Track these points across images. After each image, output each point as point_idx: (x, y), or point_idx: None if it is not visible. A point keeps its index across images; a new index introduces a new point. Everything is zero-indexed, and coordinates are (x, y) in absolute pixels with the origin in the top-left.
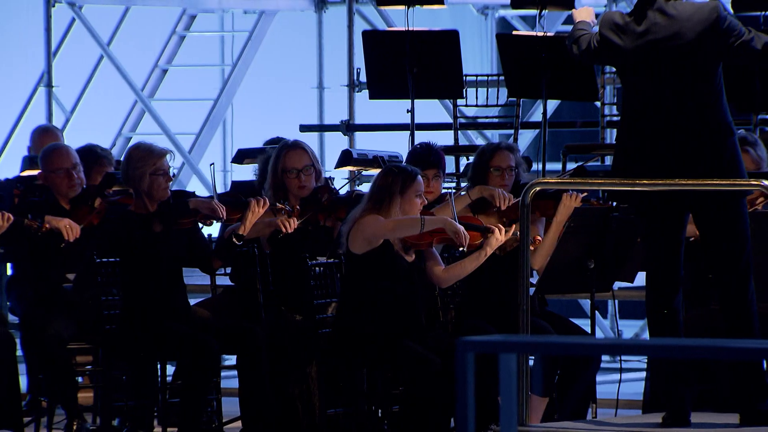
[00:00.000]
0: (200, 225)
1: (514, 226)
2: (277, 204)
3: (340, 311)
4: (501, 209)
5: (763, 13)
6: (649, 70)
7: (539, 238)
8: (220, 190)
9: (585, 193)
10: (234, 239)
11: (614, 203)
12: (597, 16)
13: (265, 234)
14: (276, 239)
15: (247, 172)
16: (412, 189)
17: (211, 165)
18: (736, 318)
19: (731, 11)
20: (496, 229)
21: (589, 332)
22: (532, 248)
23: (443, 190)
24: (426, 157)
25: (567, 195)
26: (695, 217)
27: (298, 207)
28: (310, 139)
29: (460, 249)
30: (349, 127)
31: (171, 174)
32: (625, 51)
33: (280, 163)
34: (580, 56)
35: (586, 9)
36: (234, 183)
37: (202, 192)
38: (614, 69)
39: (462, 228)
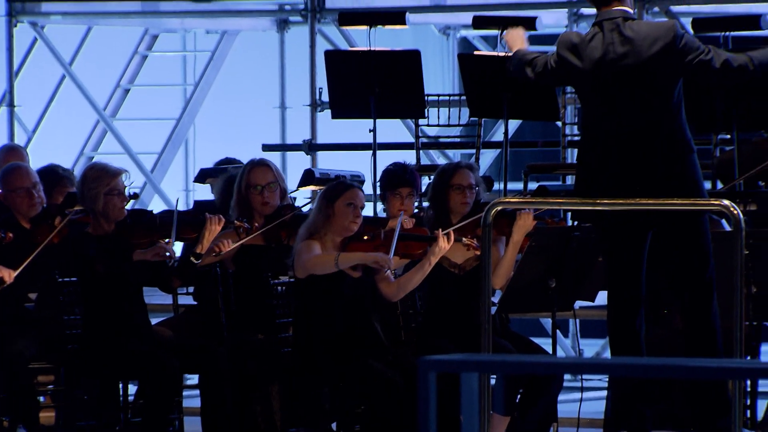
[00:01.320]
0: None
1: (463, 237)
2: (236, 221)
3: (295, 332)
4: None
5: (723, 33)
6: (607, 90)
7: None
8: (182, 209)
9: (540, 210)
10: (192, 258)
11: (575, 222)
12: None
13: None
14: (240, 258)
15: (209, 192)
16: (342, 199)
17: (175, 205)
18: (700, 336)
19: (691, 32)
20: (439, 238)
21: (551, 351)
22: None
23: (414, 210)
24: (401, 175)
25: (521, 214)
26: (658, 236)
27: (257, 225)
28: (273, 159)
29: (387, 271)
30: (311, 147)
31: (128, 194)
32: (584, 71)
33: (244, 179)
34: (537, 78)
35: (516, 32)
36: (196, 203)
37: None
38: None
39: (380, 255)
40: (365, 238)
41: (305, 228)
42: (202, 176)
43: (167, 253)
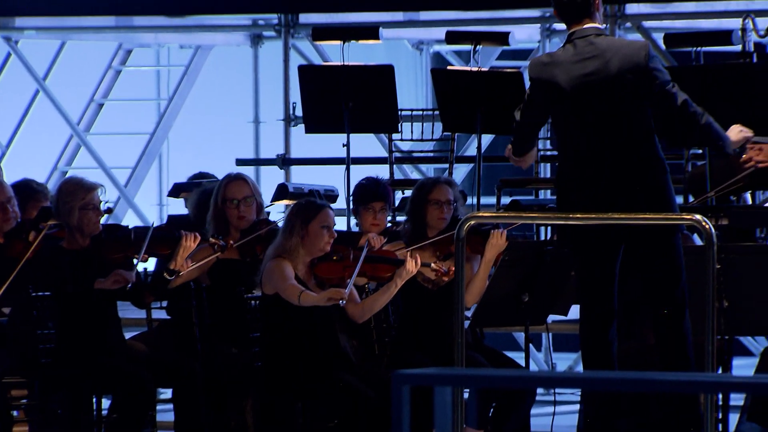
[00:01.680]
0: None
1: (431, 263)
2: (211, 238)
3: (263, 347)
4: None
5: (695, 48)
6: (580, 107)
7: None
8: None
9: (514, 224)
10: (165, 274)
11: (551, 240)
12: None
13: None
14: (214, 272)
15: (183, 206)
16: (316, 221)
17: (152, 224)
18: (672, 350)
19: (663, 47)
20: (407, 261)
21: (524, 365)
22: (446, 279)
23: (387, 224)
24: (373, 190)
25: (494, 233)
26: (630, 251)
27: (232, 242)
28: (246, 173)
29: (342, 302)
30: (285, 161)
31: (103, 208)
32: (557, 88)
33: (221, 193)
34: (522, 117)
35: None
36: (170, 217)
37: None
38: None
39: (333, 291)
40: (334, 258)
41: (274, 248)
42: (176, 191)
43: (126, 279)
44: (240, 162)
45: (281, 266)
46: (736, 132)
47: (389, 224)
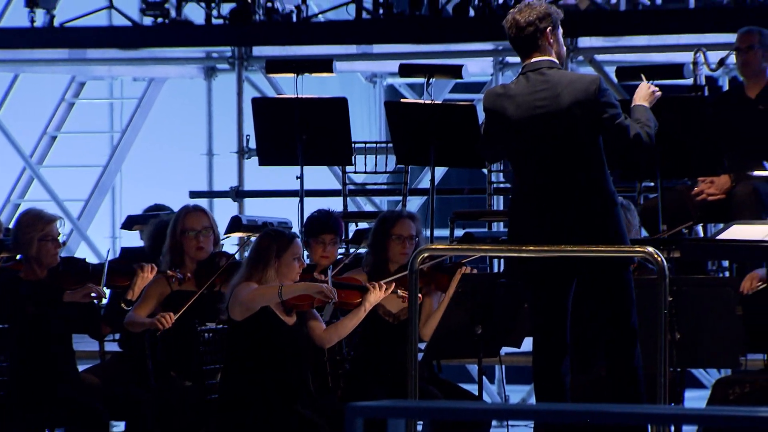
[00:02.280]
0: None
1: (393, 285)
2: (168, 271)
3: (224, 378)
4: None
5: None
6: (532, 139)
7: (419, 296)
8: (109, 256)
9: (471, 257)
10: (123, 305)
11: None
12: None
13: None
14: (169, 305)
15: (136, 239)
16: (289, 252)
17: (107, 254)
18: (623, 382)
19: (615, 80)
20: (374, 287)
21: (477, 397)
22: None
23: (338, 256)
24: (324, 222)
25: (461, 270)
26: (583, 285)
27: (189, 275)
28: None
29: (332, 302)
30: (238, 194)
31: (61, 240)
32: (509, 117)
33: (179, 224)
34: (482, 148)
35: None
36: (123, 249)
37: (92, 259)
38: None
39: (324, 285)
40: None
41: (243, 276)
42: (130, 223)
43: (95, 294)
44: (193, 194)
45: (249, 284)
46: (644, 94)
47: (340, 256)
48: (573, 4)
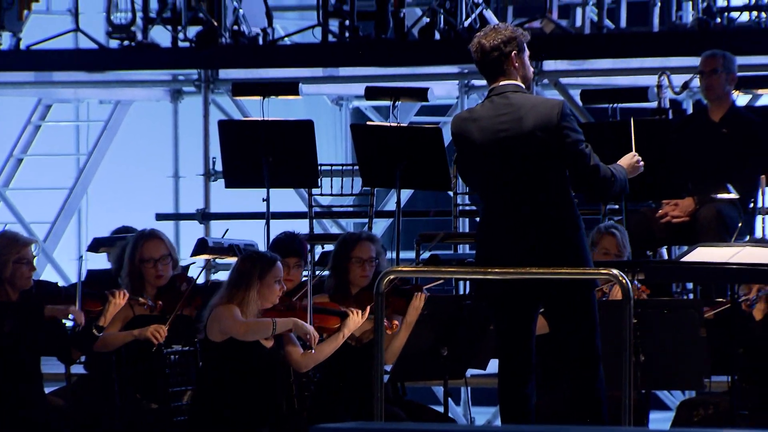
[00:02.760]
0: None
1: (369, 308)
2: (140, 298)
3: (197, 398)
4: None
5: (611, 105)
6: (494, 159)
7: (396, 323)
8: (74, 278)
9: (438, 282)
10: (94, 330)
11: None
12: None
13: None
14: (133, 327)
15: (102, 261)
16: (271, 275)
17: (78, 277)
18: (586, 404)
19: (580, 103)
20: (353, 313)
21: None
22: (389, 332)
23: (302, 278)
24: (289, 245)
25: (417, 295)
26: (546, 308)
27: (160, 303)
28: (166, 228)
29: (310, 348)
30: (204, 216)
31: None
32: (474, 140)
33: (137, 253)
34: (466, 181)
35: None
36: (90, 272)
37: (59, 282)
38: None
39: (312, 329)
40: (281, 308)
41: (223, 296)
42: (96, 245)
43: (73, 317)
44: (160, 216)
45: (232, 311)
46: (629, 162)
47: (304, 278)
48: (538, 27)
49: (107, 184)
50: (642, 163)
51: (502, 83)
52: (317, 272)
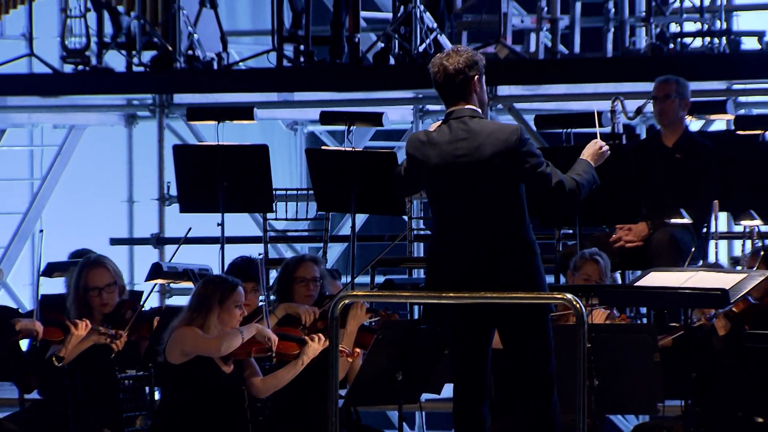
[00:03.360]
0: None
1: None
2: (101, 328)
3: (155, 422)
4: (307, 326)
5: (565, 129)
6: (451, 185)
7: (359, 351)
8: (29, 304)
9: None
10: (54, 360)
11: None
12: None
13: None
14: (87, 353)
15: (56, 286)
16: (232, 299)
17: (37, 304)
18: (540, 428)
19: (534, 128)
20: (314, 338)
21: None
22: (351, 360)
23: (259, 303)
24: (245, 270)
25: (355, 305)
26: (500, 332)
27: (121, 332)
28: (120, 252)
29: (273, 360)
30: (159, 241)
31: None
32: (431, 165)
33: (82, 281)
34: (396, 188)
35: None
36: (44, 296)
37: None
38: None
39: (272, 334)
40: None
41: (183, 320)
42: (50, 270)
43: (36, 334)
44: (114, 241)
45: (195, 332)
46: (592, 151)
47: (261, 304)
48: (492, 52)
49: (61, 209)
50: (606, 147)
51: (459, 107)
52: (272, 297)
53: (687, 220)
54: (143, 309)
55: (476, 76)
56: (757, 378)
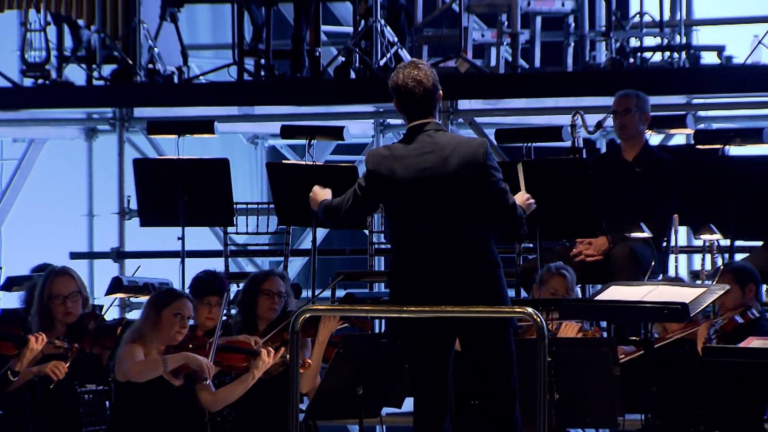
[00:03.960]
0: None
1: (283, 349)
2: (56, 341)
3: None
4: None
5: (525, 144)
6: (416, 198)
7: (309, 361)
8: None
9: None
10: (9, 375)
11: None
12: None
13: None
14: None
15: (15, 300)
16: (169, 308)
17: None
18: None
19: (495, 142)
20: (263, 352)
21: None
22: (302, 370)
23: (223, 318)
24: (210, 284)
25: (326, 316)
26: (462, 346)
27: (76, 345)
28: (80, 267)
29: (205, 381)
30: (119, 255)
31: None
32: (396, 179)
33: (46, 289)
34: (348, 211)
35: (316, 191)
36: (3, 311)
37: None
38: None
39: (205, 361)
40: (190, 346)
41: (130, 332)
42: (9, 285)
43: None
44: (74, 255)
45: (133, 350)
46: (522, 201)
47: (224, 318)
48: (453, 66)
49: (21, 223)
50: (532, 200)
51: (425, 121)
52: (233, 311)
53: (647, 234)
54: (103, 320)
55: (440, 92)
56: (716, 392)
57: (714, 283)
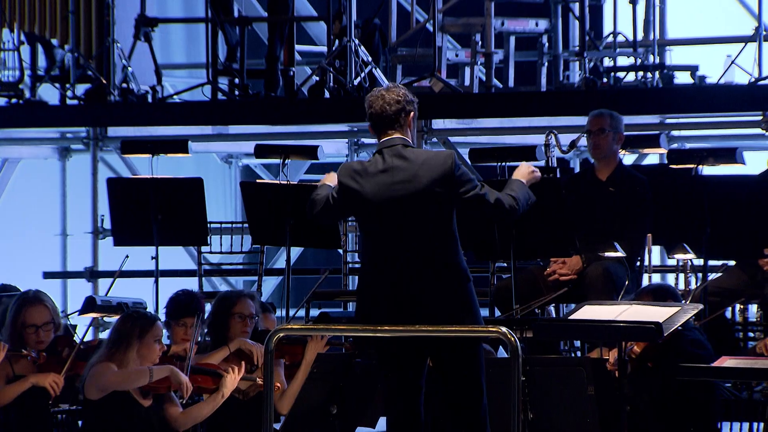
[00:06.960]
0: None
1: (257, 378)
2: (23, 350)
3: None
4: (258, 365)
5: (500, 163)
6: (386, 216)
7: (278, 385)
8: None
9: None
10: None
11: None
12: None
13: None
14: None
15: None
16: (150, 334)
17: None
18: None
19: (469, 161)
20: (229, 373)
21: None
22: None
23: (199, 338)
24: (187, 305)
25: (315, 336)
26: (434, 363)
27: (44, 354)
28: (54, 286)
29: (181, 399)
30: (93, 274)
31: None
32: (365, 195)
33: (20, 317)
34: (318, 216)
35: (330, 175)
36: None
37: None
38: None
39: (186, 379)
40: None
41: (100, 357)
42: None
43: None
44: (47, 275)
45: (111, 367)
46: (524, 173)
47: (200, 338)
48: (427, 86)
49: None
50: (538, 171)
51: (392, 137)
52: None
53: (621, 254)
54: (81, 345)
55: (412, 112)
56: (686, 410)
57: (687, 302)
